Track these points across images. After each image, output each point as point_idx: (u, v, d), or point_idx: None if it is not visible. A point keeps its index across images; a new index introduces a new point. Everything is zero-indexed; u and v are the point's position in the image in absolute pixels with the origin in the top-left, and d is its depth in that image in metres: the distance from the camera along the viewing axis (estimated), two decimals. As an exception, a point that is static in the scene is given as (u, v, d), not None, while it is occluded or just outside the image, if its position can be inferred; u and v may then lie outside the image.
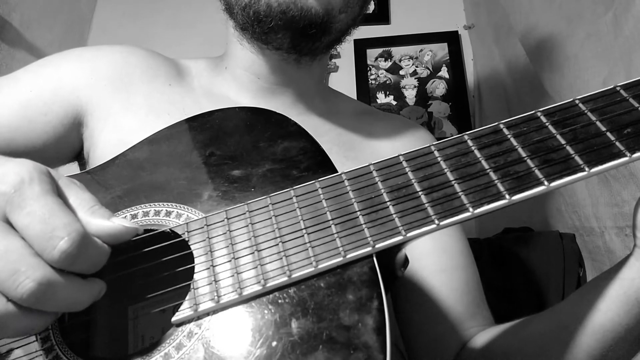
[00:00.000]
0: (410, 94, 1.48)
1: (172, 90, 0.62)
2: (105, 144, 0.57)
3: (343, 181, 0.36)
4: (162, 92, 0.61)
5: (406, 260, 0.40)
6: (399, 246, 0.34)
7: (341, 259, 0.33)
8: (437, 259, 0.62)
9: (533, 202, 0.78)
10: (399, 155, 0.36)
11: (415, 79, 1.50)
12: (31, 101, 0.57)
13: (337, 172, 0.38)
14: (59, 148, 0.60)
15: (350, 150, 0.63)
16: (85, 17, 1.61)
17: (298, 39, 0.56)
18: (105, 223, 0.32)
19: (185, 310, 0.34)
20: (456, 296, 0.60)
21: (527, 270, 0.94)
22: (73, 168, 0.63)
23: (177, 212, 0.40)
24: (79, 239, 0.29)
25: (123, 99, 0.59)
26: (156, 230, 0.38)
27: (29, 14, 1.28)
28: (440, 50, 1.51)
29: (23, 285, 0.27)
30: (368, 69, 1.52)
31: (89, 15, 1.64)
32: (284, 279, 0.33)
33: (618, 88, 0.34)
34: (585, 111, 0.34)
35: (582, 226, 0.90)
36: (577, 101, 0.34)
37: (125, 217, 0.40)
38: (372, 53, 1.53)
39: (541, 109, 0.35)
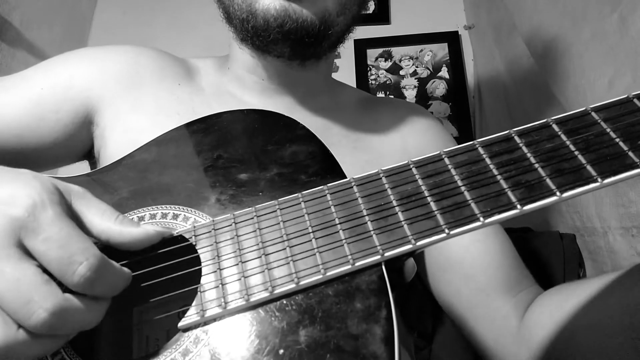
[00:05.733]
0: (410, 94, 1.48)
1: (182, 89, 0.61)
2: (116, 143, 0.56)
3: (352, 187, 0.36)
4: (171, 91, 0.60)
5: (413, 268, 0.39)
6: (408, 253, 0.34)
7: (350, 266, 0.33)
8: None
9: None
10: (408, 162, 0.36)
11: (415, 79, 1.49)
12: (42, 99, 0.57)
13: (345, 177, 0.38)
14: (69, 146, 0.60)
15: (359, 141, 0.63)
16: (85, 17, 1.60)
17: (297, 48, 0.56)
18: (136, 230, 0.34)
19: (192, 315, 0.33)
20: (497, 262, 0.59)
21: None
22: (84, 167, 0.62)
23: (184, 215, 0.39)
24: (97, 263, 0.29)
25: (133, 98, 0.59)
26: None
27: (29, 14, 1.27)
28: (441, 50, 1.51)
29: (37, 315, 0.27)
30: (368, 69, 1.51)
31: (89, 15, 1.62)
32: (291, 286, 0.33)
33: (632, 97, 0.33)
34: (598, 120, 0.33)
35: (583, 226, 0.89)
36: (589, 110, 0.34)
37: (132, 219, 0.40)
38: (372, 53, 1.53)
39: (553, 117, 0.34)
